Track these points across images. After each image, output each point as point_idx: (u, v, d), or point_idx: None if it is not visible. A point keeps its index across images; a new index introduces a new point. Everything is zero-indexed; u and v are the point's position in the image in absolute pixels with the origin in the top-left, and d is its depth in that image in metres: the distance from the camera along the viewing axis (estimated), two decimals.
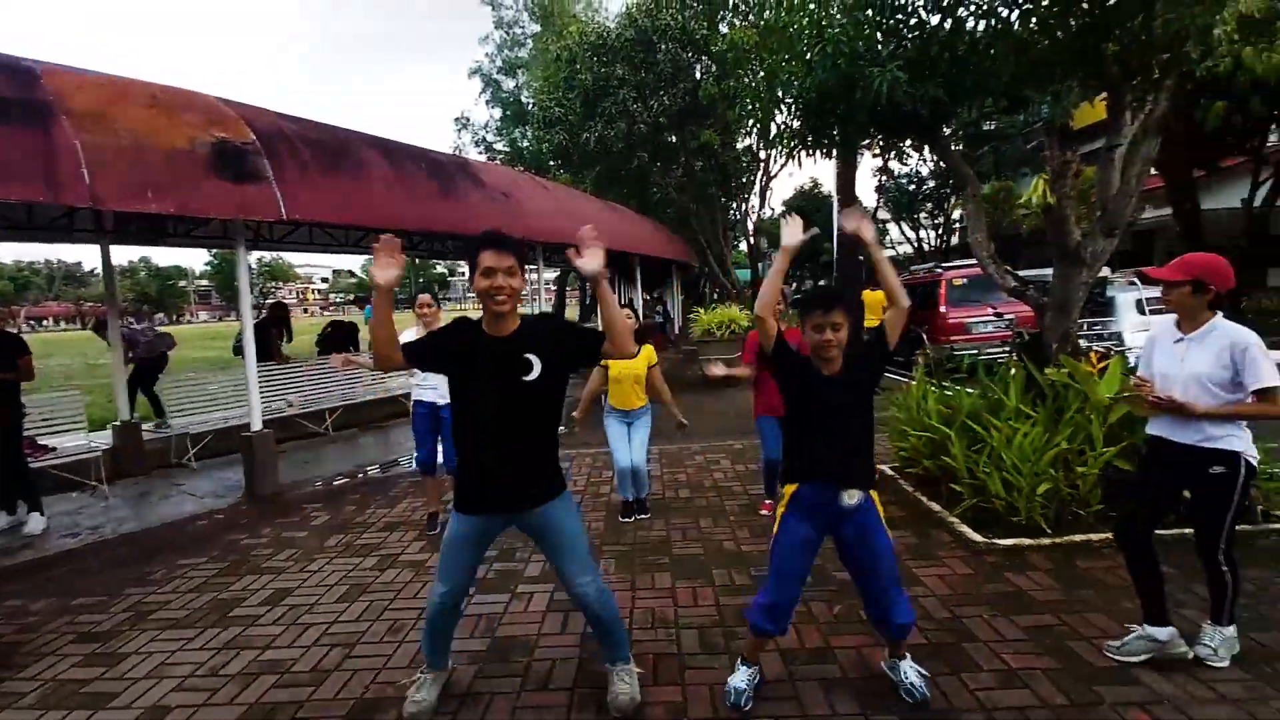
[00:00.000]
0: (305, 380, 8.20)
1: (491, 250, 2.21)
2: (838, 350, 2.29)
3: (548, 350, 2.29)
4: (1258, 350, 2.34)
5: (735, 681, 2.46)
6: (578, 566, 2.38)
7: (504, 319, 2.28)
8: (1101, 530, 3.72)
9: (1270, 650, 2.59)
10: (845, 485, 2.26)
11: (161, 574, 4.03)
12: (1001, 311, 9.58)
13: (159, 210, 4.51)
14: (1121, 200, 4.28)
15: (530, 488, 2.33)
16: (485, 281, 2.20)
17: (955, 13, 4.43)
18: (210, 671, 2.88)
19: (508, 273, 2.22)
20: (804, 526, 2.33)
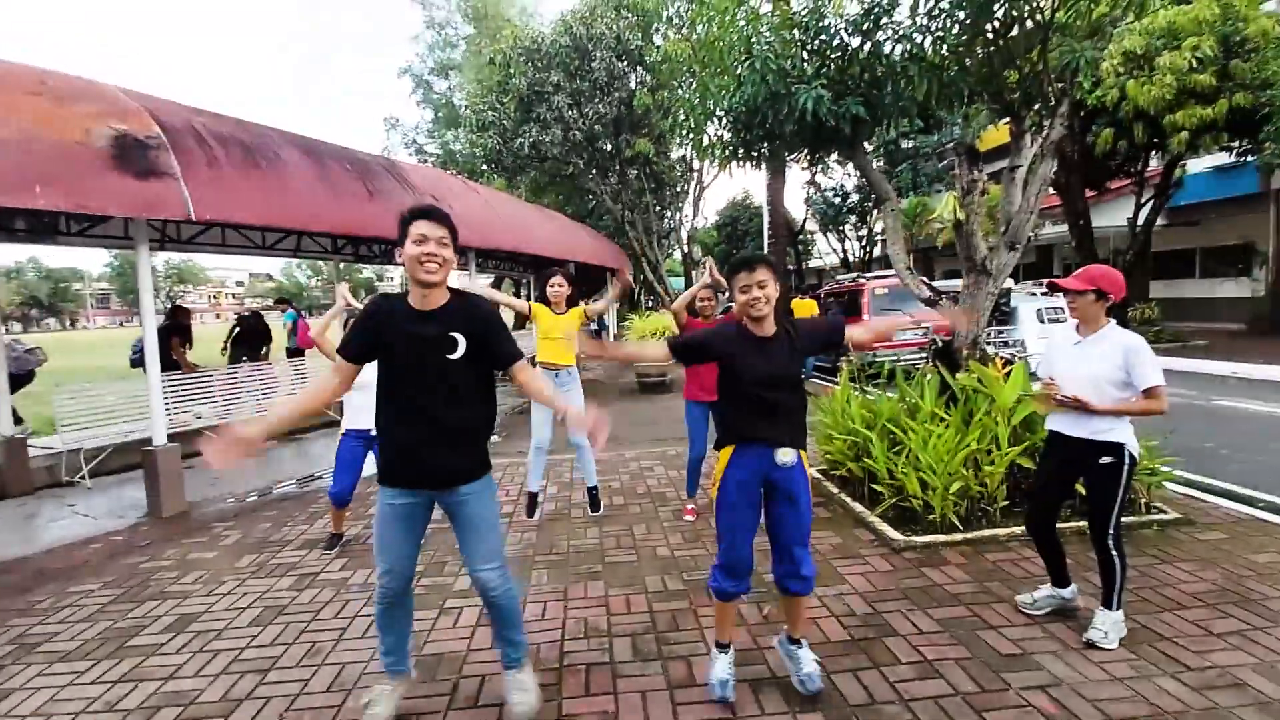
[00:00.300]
0: (217, 390, 7.70)
1: (426, 219, 2.19)
2: (766, 307, 2.35)
3: (471, 334, 2.26)
4: (1146, 354, 2.64)
5: (718, 672, 2.49)
6: (486, 550, 2.35)
7: (432, 291, 2.23)
8: (1007, 525, 3.98)
9: (1154, 632, 2.83)
10: (779, 445, 2.36)
11: (50, 602, 3.69)
12: (920, 320, 10.09)
13: (48, 206, 4.15)
14: (1022, 217, 4.61)
15: (453, 467, 2.29)
16: (417, 249, 2.16)
17: (874, 37, 4.67)
18: (106, 706, 2.65)
19: (439, 242, 2.19)
20: (743, 483, 2.41)
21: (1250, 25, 11.40)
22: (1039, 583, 3.20)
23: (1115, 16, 4.51)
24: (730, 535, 2.43)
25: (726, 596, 2.48)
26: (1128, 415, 2.70)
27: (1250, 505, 4.36)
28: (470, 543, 2.36)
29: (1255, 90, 11.02)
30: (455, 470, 2.30)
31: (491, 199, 10.71)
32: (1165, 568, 3.44)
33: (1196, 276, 18.41)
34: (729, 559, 2.43)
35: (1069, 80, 4.32)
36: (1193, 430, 6.32)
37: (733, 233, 31.98)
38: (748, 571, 2.46)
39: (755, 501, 2.44)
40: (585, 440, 4.48)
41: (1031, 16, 4.31)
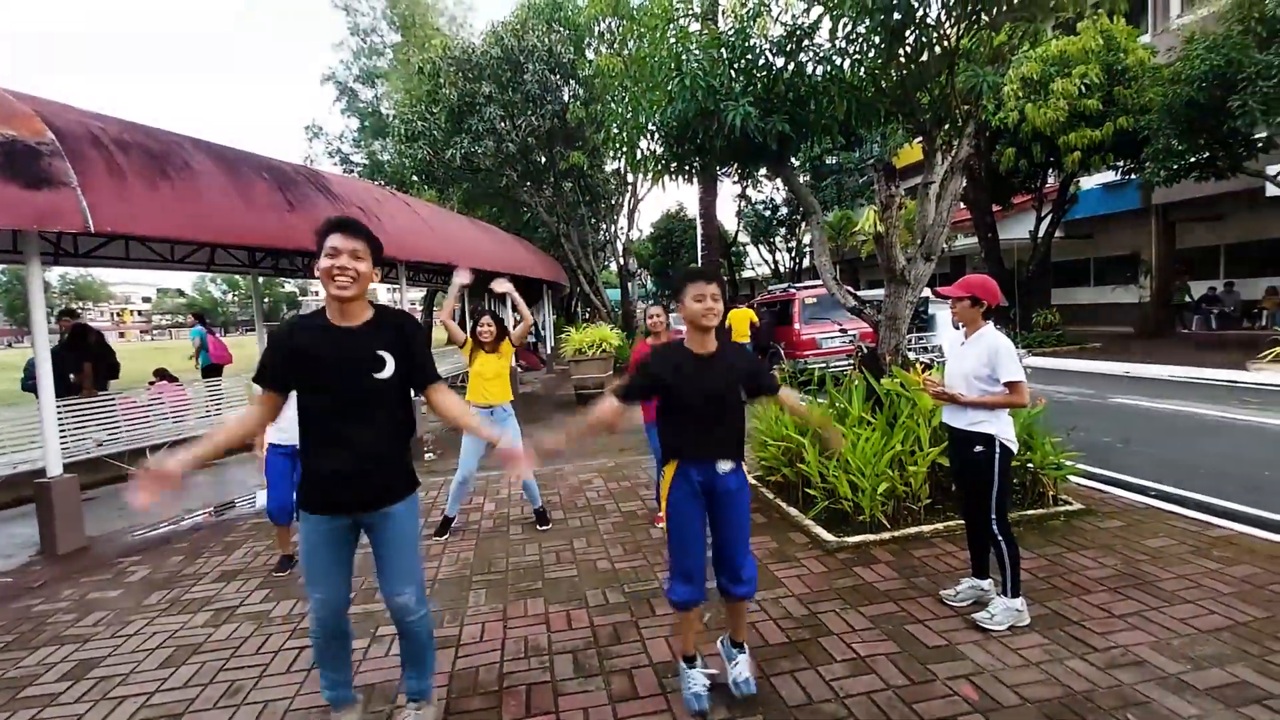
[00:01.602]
0: (121, 415, 7.15)
1: (340, 232, 2.11)
2: (715, 319, 2.43)
3: (398, 353, 2.20)
4: (1008, 352, 2.92)
5: (693, 686, 2.49)
6: (402, 574, 2.28)
7: (349, 307, 2.15)
8: (930, 522, 4.18)
9: (1063, 617, 3.03)
10: (720, 457, 2.43)
11: None
12: (846, 328, 10.50)
13: None
14: (936, 230, 4.89)
15: (378, 488, 2.21)
16: (329, 261, 2.08)
17: (797, 58, 4.87)
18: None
19: (353, 255, 2.11)
20: (689, 499, 2.46)
21: (1130, 56, 12.56)
22: (961, 576, 3.37)
23: (1013, 45, 4.88)
24: (681, 544, 2.47)
25: (686, 605, 2.50)
26: (992, 406, 2.94)
27: (1144, 495, 4.74)
28: (389, 564, 2.28)
29: (1136, 114, 12.12)
30: (382, 491, 2.22)
31: (422, 211, 10.45)
32: (1072, 555, 3.69)
33: (1091, 284, 19.99)
34: (682, 565, 2.46)
35: (974, 103, 4.63)
36: (1093, 426, 6.83)
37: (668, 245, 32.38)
38: (703, 577, 2.49)
39: (701, 511, 2.48)
40: (530, 475, 4.56)
41: (939, 43, 4.61)
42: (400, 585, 2.27)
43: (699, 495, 2.46)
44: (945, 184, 4.89)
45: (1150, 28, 16.18)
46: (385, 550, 2.27)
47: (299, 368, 2.15)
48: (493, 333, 4.57)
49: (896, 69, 4.79)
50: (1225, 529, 3.98)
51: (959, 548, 3.79)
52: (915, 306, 5.10)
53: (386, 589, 2.29)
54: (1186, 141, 11.02)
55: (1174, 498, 4.64)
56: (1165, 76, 11.29)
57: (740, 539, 2.49)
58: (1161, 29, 15.77)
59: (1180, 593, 3.20)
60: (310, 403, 2.16)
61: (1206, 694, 2.42)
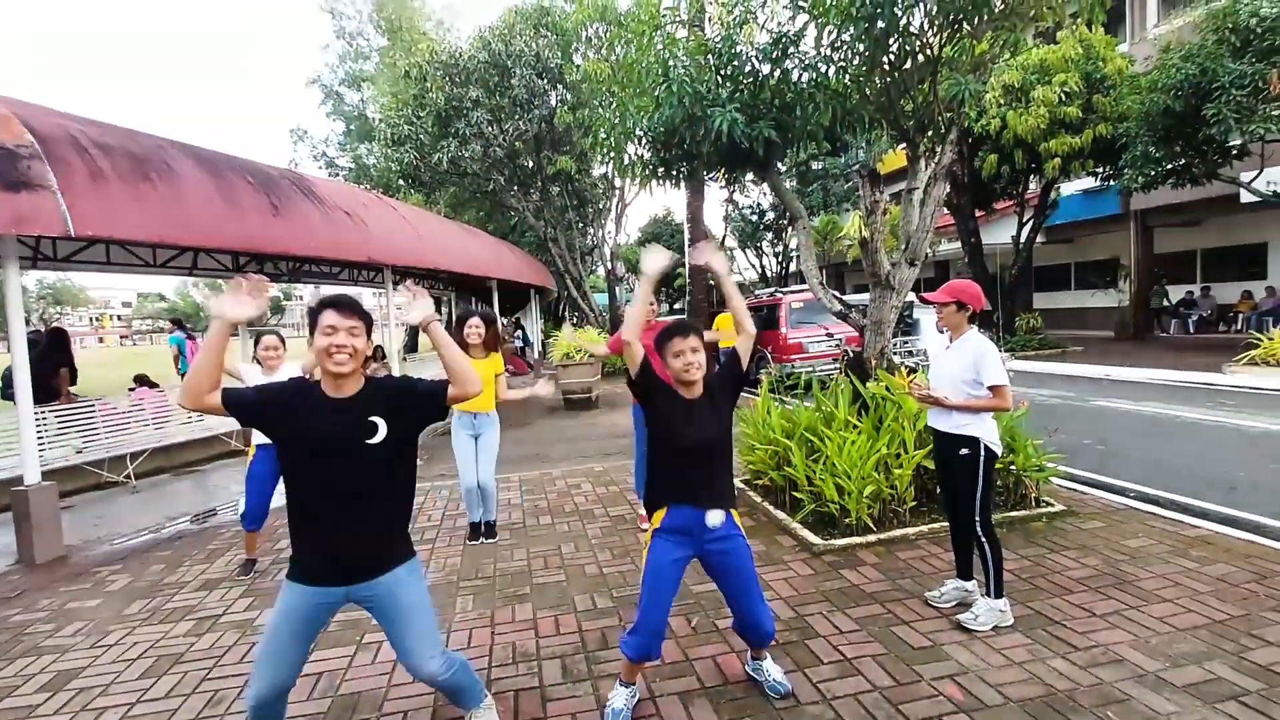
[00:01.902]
0: (102, 421, 7.04)
1: (334, 310, 2.10)
2: (699, 371, 2.39)
3: (393, 412, 2.15)
4: (992, 356, 2.96)
5: (614, 703, 2.47)
6: (422, 643, 2.18)
7: (345, 381, 2.13)
8: (916, 524, 4.22)
9: (1045, 617, 3.07)
10: (709, 506, 2.36)
11: None
12: (832, 332, 10.58)
13: None
14: (920, 235, 4.95)
15: (373, 556, 2.15)
16: (326, 340, 2.07)
17: (783, 64, 4.92)
18: None
19: (350, 332, 2.10)
20: (674, 548, 2.39)
21: (1108, 64, 12.81)
22: (945, 578, 3.41)
23: (994, 53, 4.96)
24: (650, 598, 2.37)
25: (642, 660, 2.43)
26: (977, 410, 2.98)
27: (1123, 495, 4.82)
28: (405, 635, 2.18)
29: (1114, 122, 12.35)
30: (379, 557, 2.16)
31: (409, 215, 10.41)
32: (1054, 556, 3.74)
33: (1072, 288, 20.31)
34: (646, 623, 2.37)
35: (957, 110, 4.70)
36: (1074, 428, 6.93)
37: None
38: (661, 638, 2.42)
39: (681, 564, 2.41)
40: (491, 483, 4.56)
41: (922, 51, 4.67)
42: (421, 653, 2.18)
43: (684, 546, 2.39)
44: (929, 190, 4.96)
45: (1128, 37, 16.52)
46: (396, 622, 2.18)
47: (281, 427, 2.12)
48: (481, 334, 4.46)
49: (880, 76, 4.85)
50: (1202, 529, 4.05)
51: (944, 549, 3.84)
52: (900, 311, 5.15)
53: (409, 662, 2.19)
54: (1163, 148, 11.24)
55: (1152, 498, 4.73)
56: (1143, 85, 11.53)
57: (751, 591, 2.43)
58: (1139, 38, 16.11)
59: (1159, 592, 3.25)
60: (298, 473, 2.12)
61: (1184, 691, 2.46)
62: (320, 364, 2.11)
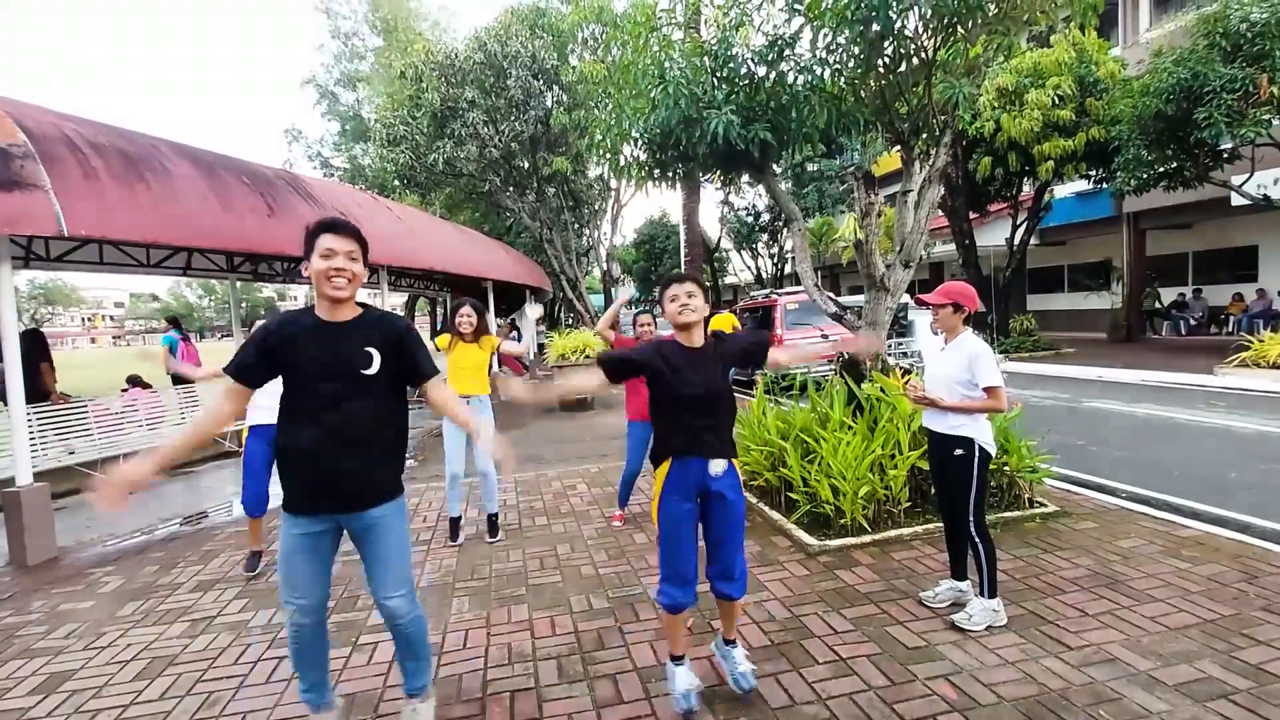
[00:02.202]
0: (94, 421, 7.00)
1: (332, 233, 2.11)
2: (694, 315, 2.45)
3: (387, 349, 2.19)
4: (987, 358, 2.99)
5: (680, 686, 2.49)
6: (394, 578, 2.27)
7: (341, 307, 2.16)
8: (910, 525, 4.24)
9: (1039, 617, 3.09)
10: (712, 456, 2.42)
11: None
12: (827, 333, 10.61)
13: None
14: (914, 237, 4.97)
15: (364, 488, 2.19)
16: (324, 263, 2.08)
17: (778, 67, 4.94)
18: None
19: (348, 256, 2.12)
20: (681, 499, 2.45)
21: (1101, 68, 12.89)
22: (940, 578, 3.42)
23: (988, 57, 4.99)
24: (673, 546, 2.45)
25: (677, 608, 2.49)
26: (972, 411, 3.01)
27: (1115, 496, 4.85)
28: (379, 569, 2.26)
29: (1107, 125, 12.43)
30: (368, 489, 2.19)
31: (405, 215, 10.39)
32: (1047, 556, 3.77)
33: (1065, 290, 20.42)
34: (674, 568, 2.45)
35: (951, 113, 4.73)
36: (1067, 429, 6.97)
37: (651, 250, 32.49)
38: (693, 579, 2.48)
39: (693, 513, 2.48)
40: (491, 469, 4.56)
41: (916, 54, 4.71)
42: (391, 589, 2.25)
43: (691, 497, 2.46)
44: (923, 192, 4.98)
45: (1120, 41, 16.65)
46: (374, 554, 2.25)
47: (285, 363, 2.13)
48: (473, 323, 4.51)
49: (875, 79, 4.88)
50: (1193, 529, 4.09)
51: (938, 550, 3.85)
52: (894, 312, 5.18)
53: (377, 594, 2.27)
54: (1155, 152, 11.32)
55: (1145, 499, 4.76)
56: (1135, 89, 11.61)
57: (734, 540, 2.50)
58: (1131, 42, 16.23)
59: (1150, 592, 3.28)
60: (294, 398, 2.14)
61: (1175, 690, 2.48)
62: (318, 288, 2.12)
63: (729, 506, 2.48)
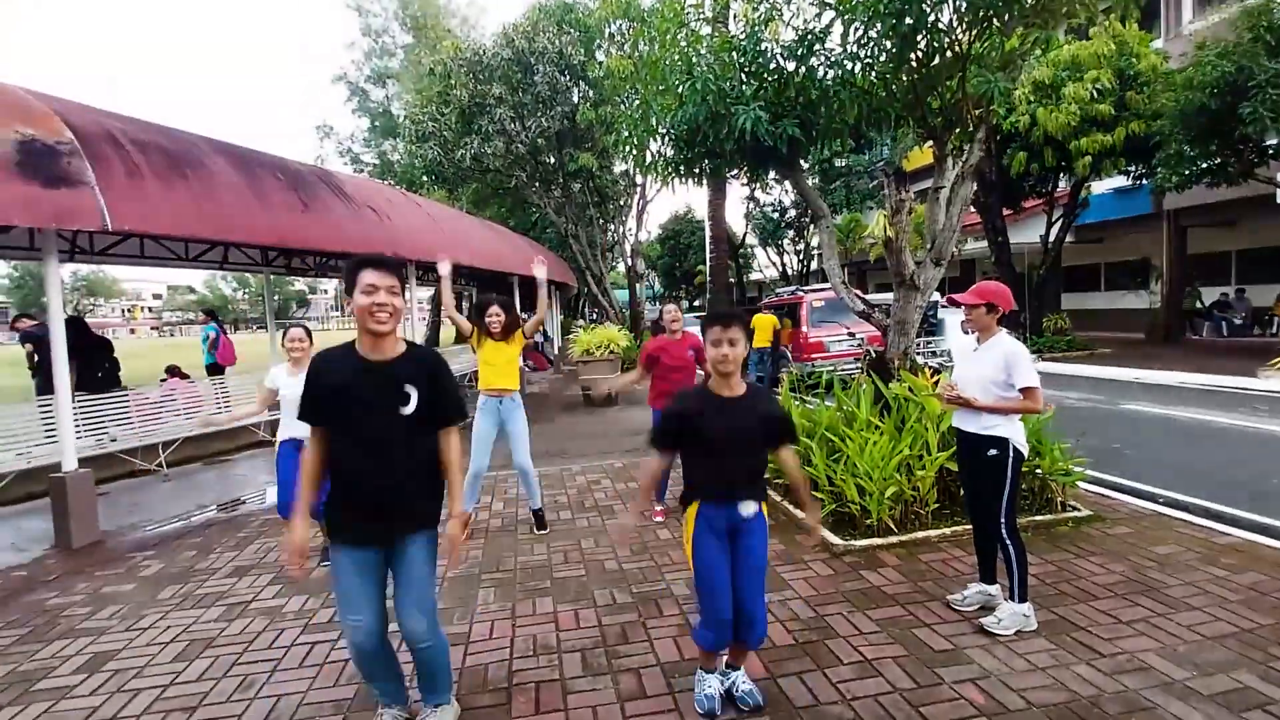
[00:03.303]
0: (135, 410, 7.24)
1: (374, 269, 2.15)
2: (733, 366, 2.37)
3: (425, 386, 2.22)
4: (1024, 358, 2.94)
5: (707, 689, 2.50)
6: (418, 602, 2.29)
7: (384, 341, 2.19)
8: (938, 527, 4.18)
9: (1070, 623, 3.03)
10: (743, 499, 2.39)
11: None
12: (854, 331, 10.50)
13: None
14: (946, 235, 4.89)
15: (402, 519, 2.24)
16: (367, 299, 2.12)
17: (808, 61, 4.89)
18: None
19: (390, 291, 2.15)
20: (714, 540, 2.41)
21: (1142, 61, 12.51)
22: (968, 581, 3.38)
23: (1025, 50, 4.88)
24: (709, 595, 2.40)
25: (715, 649, 2.47)
26: (1008, 412, 2.96)
27: (1152, 501, 4.73)
28: (405, 591, 2.28)
29: (1148, 119, 12.06)
30: (403, 525, 2.24)
31: (432, 211, 10.52)
32: (1080, 562, 3.69)
33: (1102, 289, 19.90)
34: (713, 611, 2.39)
35: (985, 107, 4.64)
36: (1101, 432, 6.81)
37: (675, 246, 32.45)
38: (729, 626, 2.42)
39: (726, 551, 2.42)
40: (530, 466, 4.62)
41: (950, 48, 4.62)
42: (414, 612, 2.28)
43: (722, 536, 2.42)
44: (956, 188, 4.90)
45: (1162, 33, 16.11)
46: (402, 578, 2.28)
47: (332, 403, 2.18)
48: (502, 321, 4.54)
49: (908, 73, 4.80)
50: (1233, 536, 3.97)
51: (966, 553, 3.80)
52: (924, 311, 5.10)
53: (401, 614, 2.29)
54: (1198, 147, 10.97)
55: (1182, 505, 4.63)
56: (1177, 82, 11.24)
57: (756, 584, 2.44)
58: (1174, 34, 15.70)
59: (1187, 599, 3.20)
60: (338, 437, 2.19)
61: (1211, 700, 2.42)
62: (362, 323, 2.16)
63: (752, 550, 2.42)
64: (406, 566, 2.27)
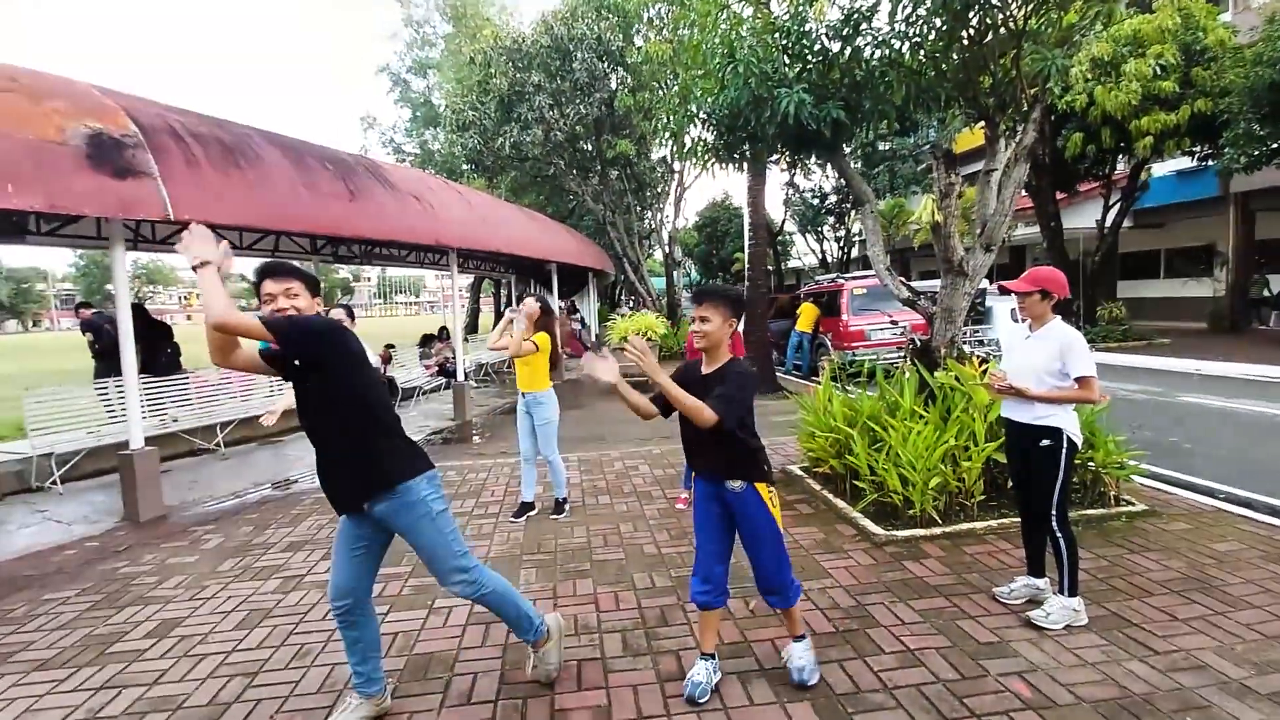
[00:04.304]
0: (195, 391, 7.58)
1: (270, 278, 2.36)
2: (707, 341, 2.48)
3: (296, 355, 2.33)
4: (1081, 347, 2.85)
5: (695, 675, 2.55)
6: (441, 567, 2.41)
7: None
8: (984, 519, 4.10)
9: (1123, 619, 2.94)
10: (728, 477, 2.48)
11: (24, 610, 3.61)
12: (897, 319, 10.27)
13: (21, 206, 4.06)
14: (997, 219, 4.73)
15: (354, 486, 2.36)
16: (268, 308, 2.35)
17: (854, 41, 4.76)
18: (89, 714, 2.62)
19: (287, 294, 2.36)
20: (709, 505, 2.54)
21: (1209, 35, 11.82)
22: (1015, 574, 3.31)
23: (1084, 25, 4.66)
24: (699, 550, 2.58)
25: (701, 605, 2.56)
26: (1062, 402, 2.87)
27: (1211, 496, 4.54)
28: (420, 555, 2.43)
29: (1215, 97, 11.41)
30: (357, 490, 2.35)
31: (472, 199, 10.66)
32: (1134, 557, 3.57)
33: (1161, 276, 18.98)
34: (701, 571, 2.55)
35: (1041, 86, 4.45)
36: (1159, 425, 6.54)
37: (713, 233, 32.15)
38: (719, 584, 2.52)
39: (716, 521, 2.53)
40: (556, 457, 4.73)
41: (1005, 24, 4.44)
42: (442, 574, 2.42)
43: (713, 504, 2.53)
44: (1008, 171, 4.73)
45: (1230, 6, 15.18)
46: (411, 543, 2.41)
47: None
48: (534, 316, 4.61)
49: (959, 51, 4.64)
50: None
51: (1013, 545, 3.72)
52: (972, 298, 4.96)
53: (439, 581, 2.45)
54: (1269, 126, 10.35)
55: (1244, 501, 4.43)
56: (1246, 58, 10.60)
57: (763, 553, 2.50)
58: (1242, 7, 14.78)
59: (1247, 598, 3.07)
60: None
61: (1268, 699, 2.33)
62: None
63: (751, 526, 2.49)
64: (406, 532, 2.39)
